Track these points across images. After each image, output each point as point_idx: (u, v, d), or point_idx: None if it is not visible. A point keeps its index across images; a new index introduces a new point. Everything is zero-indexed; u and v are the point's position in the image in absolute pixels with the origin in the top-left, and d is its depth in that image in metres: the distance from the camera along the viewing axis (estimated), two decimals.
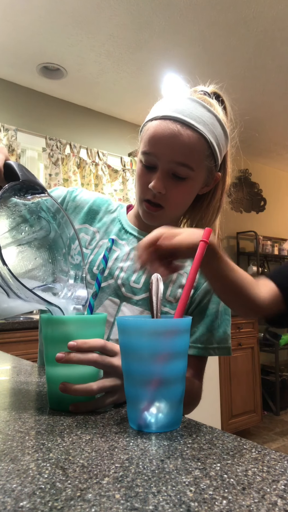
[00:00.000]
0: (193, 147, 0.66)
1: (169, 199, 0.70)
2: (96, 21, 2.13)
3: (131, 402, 0.44)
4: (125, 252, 0.77)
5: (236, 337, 3.01)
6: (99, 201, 0.82)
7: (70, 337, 0.48)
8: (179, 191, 0.70)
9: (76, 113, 3.03)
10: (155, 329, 0.42)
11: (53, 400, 0.50)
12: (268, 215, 4.48)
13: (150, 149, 0.68)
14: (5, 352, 1.07)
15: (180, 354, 0.44)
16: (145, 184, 0.70)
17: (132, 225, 0.80)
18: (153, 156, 0.68)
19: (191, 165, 0.67)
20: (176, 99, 0.70)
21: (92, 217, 0.80)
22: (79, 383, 0.49)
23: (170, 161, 0.67)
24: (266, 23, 2.16)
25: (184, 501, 0.27)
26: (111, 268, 0.75)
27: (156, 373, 0.42)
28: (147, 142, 0.68)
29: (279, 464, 0.34)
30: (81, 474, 0.31)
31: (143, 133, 0.71)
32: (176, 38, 2.29)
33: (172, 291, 0.74)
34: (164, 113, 0.67)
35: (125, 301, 0.74)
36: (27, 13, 2.06)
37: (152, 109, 0.73)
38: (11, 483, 0.30)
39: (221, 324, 0.76)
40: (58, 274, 0.50)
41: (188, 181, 0.69)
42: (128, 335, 0.43)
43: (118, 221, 0.80)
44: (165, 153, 0.67)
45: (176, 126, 0.66)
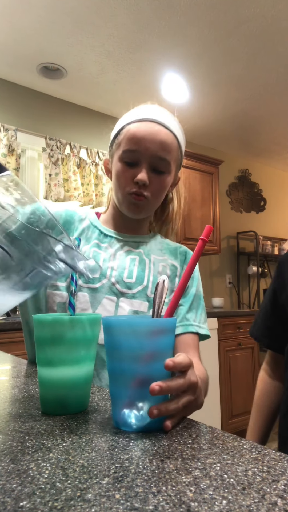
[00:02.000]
0: (170, 144, 0.77)
1: (151, 190, 0.78)
2: (96, 21, 2.13)
3: (115, 401, 0.44)
4: (111, 254, 0.82)
5: (236, 337, 3.01)
6: (69, 212, 0.86)
7: (63, 338, 0.48)
8: (159, 182, 0.79)
9: (76, 113, 3.03)
10: (139, 329, 0.43)
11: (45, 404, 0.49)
12: (268, 215, 4.48)
13: (133, 147, 0.76)
14: (5, 352, 1.07)
15: (164, 354, 0.44)
16: (128, 178, 0.78)
17: (109, 228, 0.87)
18: (136, 152, 0.76)
19: (169, 159, 0.78)
20: (149, 107, 0.81)
21: (67, 228, 0.84)
22: (72, 386, 0.49)
23: (152, 156, 0.76)
24: (266, 23, 2.16)
25: (184, 501, 0.27)
26: (101, 270, 0.80)
27: (140, 372, 0.42)
28: (130, 141, 0.77)
29: (279, 464, 0.34)
30: (81, 474, 0.31)
31: (122, 136, 0.79)
32: (176, 38, 2.29)
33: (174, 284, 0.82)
34: (142, 116, 0.78)
35: (122, 297, 0.78)
36: (27, 13, 2.06)
37: (123, 118, 0.83)
38: (11, 483, 0.30)
39: (198, 307, 0.84)
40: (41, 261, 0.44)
41: (165, 175, 0.79)
42: (113, 334, 0.44)
43: (94, 227, 0.86)
44: (148, 148, 0.76)
45: (155, 126, 0.77)
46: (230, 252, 4.05)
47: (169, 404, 0.44)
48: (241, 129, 3.56)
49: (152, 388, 0.41)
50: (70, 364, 0.49)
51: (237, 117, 3.30)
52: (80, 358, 0.49)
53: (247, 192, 4.30)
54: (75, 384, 0.49)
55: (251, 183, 4.34)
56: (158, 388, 0.41)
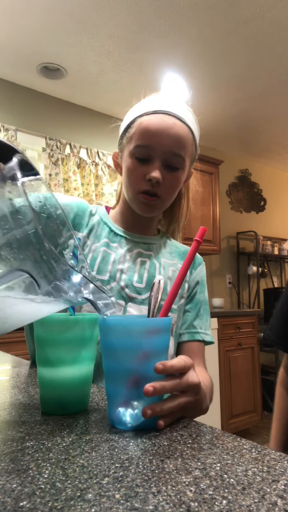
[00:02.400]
0: (185, 138, 0.72)
1: (164, 188, 0.73)
2: (96, 21, 2.13)
3: (110, 400, 0.44)
4: (121, 254, 0.78)
5: (236, 337, 3.01)
6: (81, 206, 0.81)
7: (63, 338, 0.48)
8: (172, 180, 0.74)
9: (76, 113, 3.03)
10: (134, 328, 0.43)
11: (45, 404, 0.49)
12: (268, 215, 4.48)
13: (146, 141, 0.71)
14: (5, 352, 1.07)
15: (159, 353, 0.44)
16: (140, 176, 0.72)
17: (119, 226, 0.83)
18: (149, 148, 0.71)
19: (183, 155, 0.73)
20: (162, 97, 0.75)
21: (78, 223, 0.79)
22: (72, 386, 0.49)
23: (166, 152, 0.71)
24: (266, 23, 2.16)
25: (184, 501, 0.27)
26: (111, 271, 0.76)
27: (135, 371, 0.43)
28: (142, 135, 0.71)
29: (279, 464, 0.34)
30: (81, 474, 0.31)
31: (133, 129, 0.73)
32: (176, 38, 2.29)
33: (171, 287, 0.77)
34: (155, 108, 0.72)
35: (130, 302, 0.75)
36: (27, 13, 2.06)
37: (133, 109, 0.77)
38: (11, 483, 0.30)
39: (204, 313, 0.83)
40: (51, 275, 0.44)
41: (179, 171, 0.74)
42: (108, 334, 0.44)
43: (104, 224, 0.81)
44: (162, 143, 0.70)
45: (170, 119, 0.71)
46: (230, 252, 4.05)
47: (164, 403, 0.44)
48: (241, 129, 3.56)
49: (146, 390, 0.41)
50: (70, 364, 0.49)
51: (237, 117, 3.30)
52: (80, 358, 0.49)
53: (247, 192, 4.30)
54: (75, 384, 0.49)
55: (251, 183, 4.34)
56: (151, 389, 0.41)
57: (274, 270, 4.46)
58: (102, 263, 0.75)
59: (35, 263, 0.38)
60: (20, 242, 0.39)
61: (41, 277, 0.39)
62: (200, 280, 0.85)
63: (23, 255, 0.39)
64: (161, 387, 0.43)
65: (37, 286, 0.39)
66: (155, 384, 0.42)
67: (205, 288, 0.85)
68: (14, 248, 0.39)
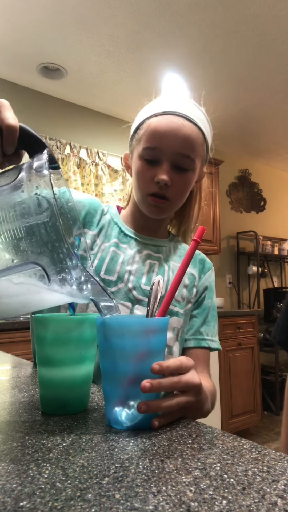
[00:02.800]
0: (194, 139, 0.71)
1: (174, 190, 0.72)
2: (96, 21, 2.13)
3: (107, 399, 0.45)
4: (130, 256, 0.77)
5: (236, 337, 3.01)
6: (93, 204, 0.80)
7: (63, 337, 0.48)
8: (182, 182, 0.73)
9: (76, 113, 3.03)
10: (131, 328, 0.43)
11: (45, 403, 0.50)
12: (268, 215, 4.48)
13: (154, 144, 0.70)
14: (5, 352, 1.07)
15: (157, 353, 0.44)
16: (149, 178, 0.72)
17: (129, 227, 0.82)
18: (157, 150, 0.70)
19: (193, 156, 0.71)
20: (171, 97, 0.74)
21: (89, 221, 0.78)
22: (72, 385, 0.49)
23: (175, 153, 0.70)
24: (266, 23, 2.16)
25: (184, 501, 0.27)
26: (119, 272, 0.75)
27: (132, 371, 0.43)
28: (150, 137, 0.70)
29: (279, 464, 0.34)
30: (81, 474, 0.31)
31: (142, 131, 0.73)
32: (176, 38, 2.29)
33: (179, 291, 0.78)
34: (164, 109, 0.71)
35: (137, 304, 0.74)
36: (27, 13, 2.06)
37: (143, 110, 0.76)
38: (11, 483, 0.30)
39: (211, 319, 0.82)
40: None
41: (189, 172, 0.73)
42: (105, 333, 0.44)
43: (114, 224, 0.80)
44: (170, 145, 0.69)
45: (179, 120, 0.70)
46: (230, 252, 4.05)
47: (162, 401, 0.44)
48: (241, 129, 3.56)
49: (143, 385, 0.41)
50: (70, 364, 0.49)
51: (237, 117, 3.30)
52: (80, 358, 0.49)
53: (247, 192, 4.30)
54: (75, 384, 0.49)
55: (251, 183, 4.34)
56: (148, 385, 0.41)
57: (274, 270, 4.46)
58: (110, 263, 0.75)
59: (51, 259, 0.39)
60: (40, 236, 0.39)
61: (52, 272, 0.39)
62: (209, 285, 0.83)
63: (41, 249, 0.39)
64: (158, 384, 0.43)
65: (47, 279, 0.40)
66: (152, 381, 0.42)
67: (213, 294, 0.84)
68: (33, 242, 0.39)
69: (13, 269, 0.40)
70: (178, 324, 0.76)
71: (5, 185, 0.42)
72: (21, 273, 0.40)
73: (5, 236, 0.40)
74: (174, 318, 0.76)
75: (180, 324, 0.76)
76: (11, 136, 0.45)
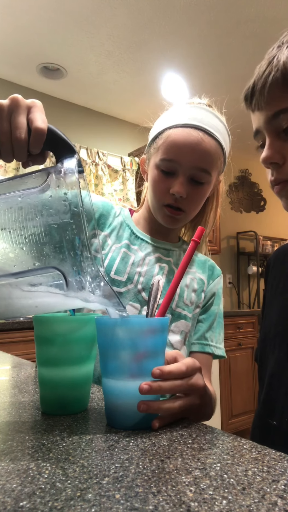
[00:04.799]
0: (213, 154, 0.71)
1: (189, 203, 0.73)
2: (96, 21, 2.13)
3: (107, 399, 0.45)
4: (140, 257, 0.78)
5: (236, 337, 3.01)
6: (107, 206, 0.81)
7: (64, 337, 0.48)
8: (197, 194, 0.74)
9: (76, 113, 3.03)
10: (131, 328, 0.43)
11: (45, 403, 0.50)
12: (268, 215, 4.47)
13: (172, 156, 0.70)
14: (5, 352, 1.07)
15: (156, 353, 0.44)
16: (164, 189, 0.73)
17: (141, 230, 0.83)
18: (174, 163, 0.71)
19: (209, 170, 0.72)
20: (191, 108, 0.73)
21: (103, 223, 0.79)
22: (72, 385, 0.49)
23: (192, 167, 0.71)
24: (266, 23, 2.16)
25: (184, 501, 0.27)
26: (129, 273, 0.75)
27: (132, 371, 0.43)
28: (168, 149, 0.71)
29: (279, 464, 0.34)
30: (81, 474, 0.31)
31: (161, 141, 0.73)
32: (176, 38, 2.29)
33: (188, 295, 0.79)
34: (184, 121, 0.71)
35: (146, 306, 0.74)
36: (27, 13, 2.06)
37: (164, 117, 0.76)
38: (11, 483, 0.30)
39: (217, 326, 0.82)
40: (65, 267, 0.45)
41: (205, 185, 0.74)
42: (105, 333, 0.44)
43: (126, 226, 0.81)
44: (188, 159, 0.70)
45: (198, 134, 0.70)
46: (230, 252, 4.05)
47: (163, 402, 0.44)
48: (241, 129, 3.55)
49: (141, 387, 0.41)
50: (70, 364, 0.49)
51: (237, 117, 3.29)
52: (81, 358, 0.49)
53: (247, 192, 4.30)
54: (75, 384, 0.49)
55: (251, 183, 4.34)
56: (146, 388, 0.41)
57: None
58: (121, 264, 0.75)
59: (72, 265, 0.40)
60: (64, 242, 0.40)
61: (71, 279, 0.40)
62: (217, 292, 0.84)
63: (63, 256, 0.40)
64: (158, 386, 0.42)
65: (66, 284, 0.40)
66: (152, 383, 0.42)
67: (220, 301, 0.84)
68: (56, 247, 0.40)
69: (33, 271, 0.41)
70: (186, 328, 0.77)
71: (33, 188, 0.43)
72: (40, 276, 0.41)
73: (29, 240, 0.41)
74: (183, 322, 0.76)
75: (188, 328, 0.77)
76: (38, 138, 0.46)
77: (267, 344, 0.62)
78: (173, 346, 0.74)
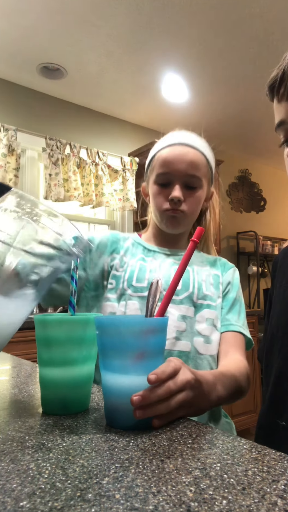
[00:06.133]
0: (199, 162, 0.84)
1: (186, 205, 0.84)
2: (96, 21, 2.13)
3: (107, 398, 0.45)
4: (156, 265, 0.86)
5: None
6: (114, 234, 0.92)
7: (62, 337, 0.48)
8: (192, 197, 0.85)
9: (76, 113, 3.03)
10: (130, 328, 0.44)
11: (46, 403, 0.50)
12: (268, 215, 4.47)
13: (165, 170, 0.83)
14: (5, 352, 1.07)
15: (155, 353, 0.45)
16: (163, 198, 0.85)
17: (151, 245, 0.92)
18: (168, 175, 0.83)
19: (199, 175, 0.84)
20: (176, 132, 0.88)
21: (115, 248, 0.89)
22: (74, 385, 0.49)
23: (184, 175, 0.83)
24: (266, 23, 2.16)
25: (184, 501, 0.27)
26: (149, 279, 0.83)
27: (132, 370, 0.43)
28: (161, 165, 0.84)
29: (279, 464, 0.34)
30: (81, 474, 0.31)
31: (154, 162, 0.86)
32: (176, 38, 2.29)
33: (207, 288, 0.85)
34: (171, 142, 0.85)
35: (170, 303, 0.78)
36: (27, 13, 2.06)
37: (154, 147, 0.90)
38: (11, 483, 0.30)
39: (235, 309, 0.87)
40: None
41: (198, 190, 0.85)
42: (104, 333, 0.44)
43: (138, 244, 0.92)
44: (179, 169, 0.82)
45: (184, 148, 0.83)
46: (230, 252, 4.05)
47: (157, 404, 0.43)
48: (241, 129, 3.56)
49: (132, 400, 0.41)
50: (72, 364, 0.49)
51: (237, 117, 3.30)
52: (82, 358, 0.50)
53: (247, 192, 4.30)
54: (77, 383, 0.49)
55: (251, 183, 4.34)
56: (137, 399, 0.41)
57: None
58: (140, 273, 0.83)
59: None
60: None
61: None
62: (231, 281, 0.90)
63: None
64: (150, 393, 0.42)
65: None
66: (142, 393, 0.42)
67: (237, 289, 0.90)
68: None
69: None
70: (211, 315, 0.83)
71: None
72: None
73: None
74: (206, 311, 0.83)
75: (213, 315, 0.83)
76: None
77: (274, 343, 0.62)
78: (200, 334, 0.80)
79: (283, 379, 0.58)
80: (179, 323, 0.79)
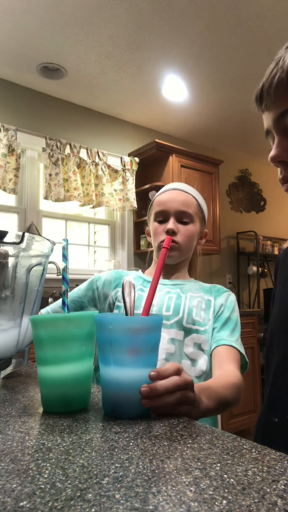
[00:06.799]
0: (189, 201, 0.99)
1: (180, 236, 0.96)
2: (96, 21, 2.13)
3: (104, 390, 0.49)
4: None
5: None
6: (118, 272, 1.04)
7: (60, 336, 0.49)
8: (186, 230, 0.97)
9: (76, 113, 3.03)
10: (127, 325, 0.48)
11: (48, 402, 0.50)
12: (268, 215, 4.47)
13: (161, 208, 0.98)
14: None
15: (150, 349, 0.49)
16: (161, 232, 0.98)
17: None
18: (164, 212, 0.98)
19: (190, 212, 0.98)
20: (171, 184, 1.04)
21: (118, 283, 1.00)
22: (73, 384, 0.50)
23: (177, 212, 0.97)
24: (266, 23, 2.16)
25: (184, 501, 0.27)
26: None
27: (128, 364, 0.48)
28: (159, 205, 0.99)
29: (279, 464, 0.34)
30: (81, 474, 0.31)
31: (154, 205, 1.01)
32: (176, 38, 2.29)
33: (197, 313, 0.92)
34: (166, 188, 1.02)
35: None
36: (27, 13, 2.06)
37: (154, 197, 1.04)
38: (11, 483, 0.30)
39: (227, 327, 0.91)
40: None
41: (190, 224, 0.98)
42: (102, 329, 0.48)
43: (139, 277, 1.03)
44: (173, 206, 0.97)
45: (176, 191, 1.00)
46: (230, 252, 4.05)
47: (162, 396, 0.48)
48: (241, 129, 3.56)
49: (141, 391, 0.46)
50: (72, 361, 0.50)
51: (237, 117, 3.30)
52: (82, 354, 0.50)
53: (247, 192, 4.30)
54: (78, 380, 0.50)
55: (251, 183, 4.34)
56: (146, 390, 0.46)
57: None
58: (137, 302, 0.92)
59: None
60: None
61: None
62: (225, 302, 0.96)
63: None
64: (157, 385, 0.47)
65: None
66: (151, 385, 0.47)
67: (231, 311, 0.94)
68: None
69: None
70: (199, 339, 0.88)
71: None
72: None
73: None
74: (194, 335, 0.89)
75: (201, 339, 0.88)
76: None
77: (272, 341, 0.63)
78: (188, 357, 0.86)
79: (278, 376, 0.58)
80: (169, 346, 0.86)
